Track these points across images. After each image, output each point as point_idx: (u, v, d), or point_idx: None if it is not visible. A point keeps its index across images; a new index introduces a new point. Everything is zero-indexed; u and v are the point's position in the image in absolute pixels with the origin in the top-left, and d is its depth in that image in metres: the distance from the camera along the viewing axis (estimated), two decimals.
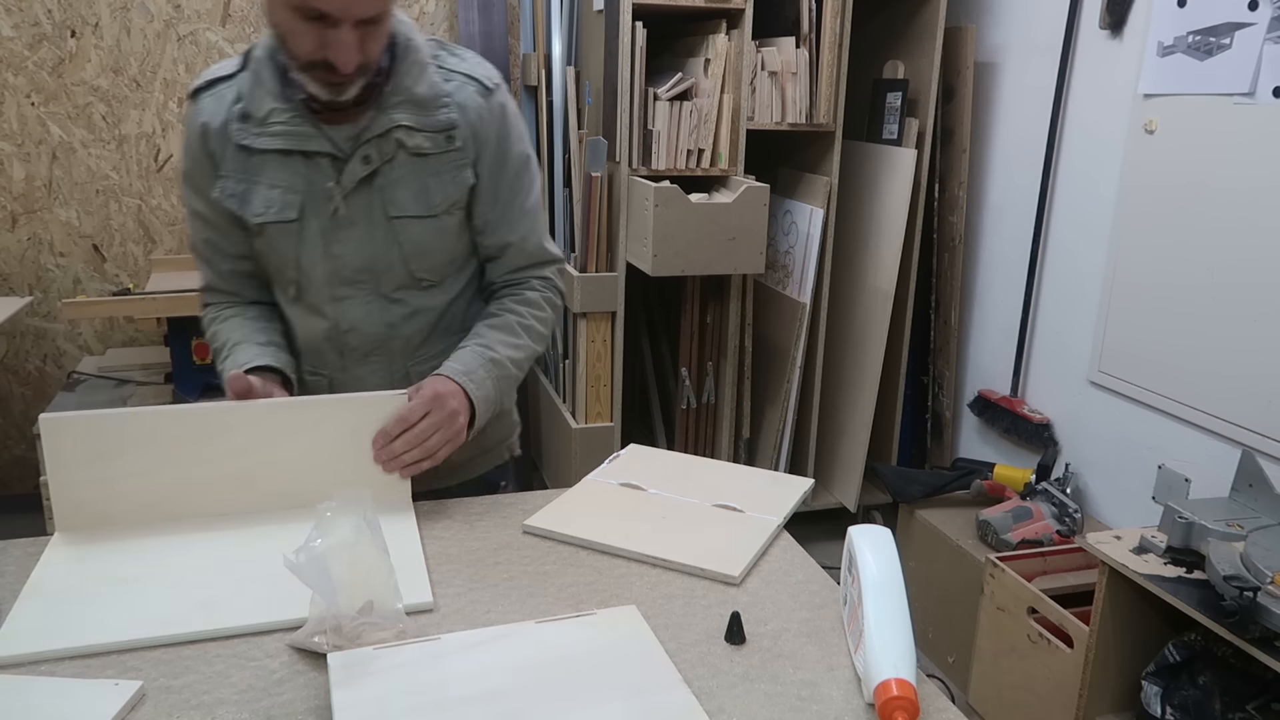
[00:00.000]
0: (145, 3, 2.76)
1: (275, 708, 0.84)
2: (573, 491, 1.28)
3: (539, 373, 3.12)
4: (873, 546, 0.94)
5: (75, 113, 2.78)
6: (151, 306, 2.37)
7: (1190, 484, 2.14)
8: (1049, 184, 2.58)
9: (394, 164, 1.23)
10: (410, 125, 1.22)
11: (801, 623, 0.99)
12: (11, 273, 2.85)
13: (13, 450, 3.00)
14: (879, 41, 2.91)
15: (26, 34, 2.70)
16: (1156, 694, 1.74)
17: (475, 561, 1.10)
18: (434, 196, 1.26)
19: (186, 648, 0.92)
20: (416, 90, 1.22)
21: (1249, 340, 1.99)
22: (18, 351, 2.94)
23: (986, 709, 2.18)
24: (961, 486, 2.59)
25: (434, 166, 1.25)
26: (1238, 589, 1.48)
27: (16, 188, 2.80)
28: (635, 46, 2.45)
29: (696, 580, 1.07)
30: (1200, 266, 2.10)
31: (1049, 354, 2.63)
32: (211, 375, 2.50)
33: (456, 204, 1.28)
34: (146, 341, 2.98)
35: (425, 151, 1.24)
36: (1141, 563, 1.70)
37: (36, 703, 0.83)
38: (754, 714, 0.84)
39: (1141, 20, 2.25)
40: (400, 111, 1.22)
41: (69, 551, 1.08)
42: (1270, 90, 1.92)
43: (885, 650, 0.83)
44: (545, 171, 2.97)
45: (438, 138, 1.24)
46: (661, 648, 0.91)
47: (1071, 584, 2.08)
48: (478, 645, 0.90)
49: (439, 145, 1.25)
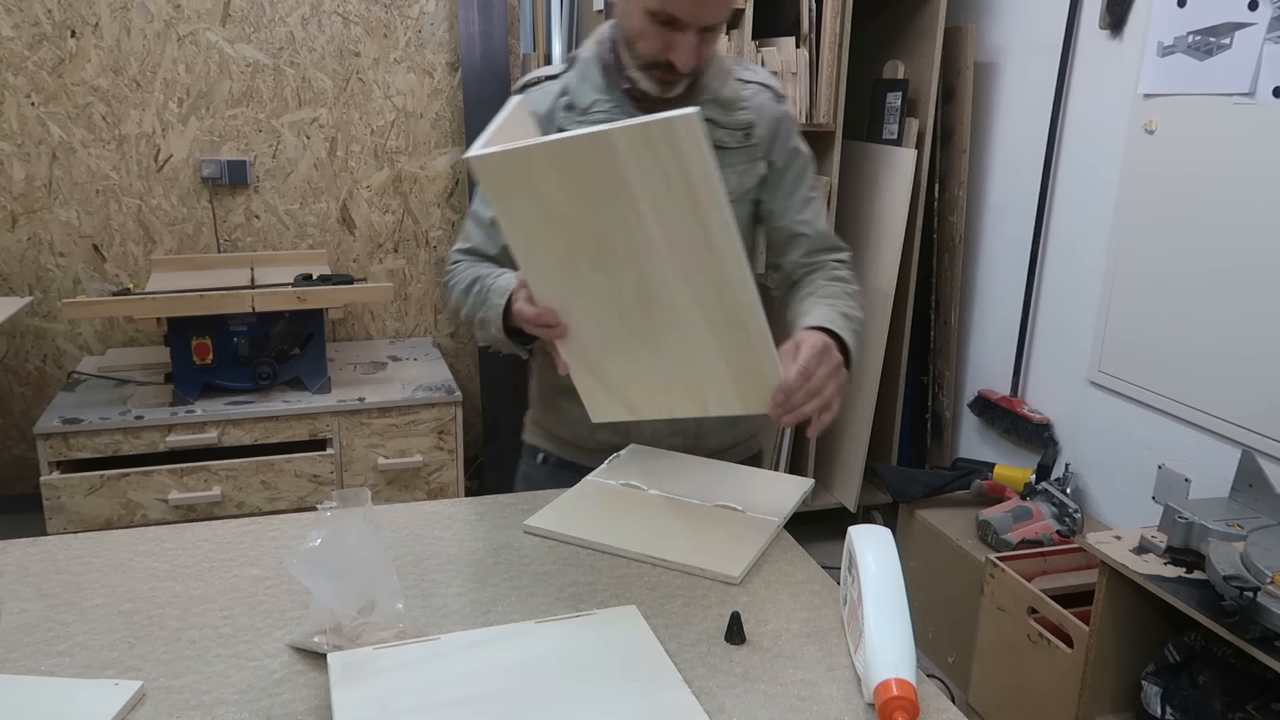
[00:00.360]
0: (145, 3, 2.76)
1: (275, 708, 0.84)
2: (573, 491, 1.28)
3: None
4: (873, 546, 0.94)
5: (75, 113, 2.78)
6: (151, 306, 2.37)
7: (1190, 484, 2.14)
8: (1049, 184, 2.58)
9: None
10: (714, 121, 1.33)
11: (801, 623, 0.99)
12: (11, 273, 2.85)
13: (13, 450, 3.00)
14: (879, 41, 2.91)
15: (26, 34, 2.70)
16: (1156, 694, 1.74)
17: (475, 561, 1.10)
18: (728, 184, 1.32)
19: (187, 647, 0.92)
20: (721, 92, 1.34)
21: (1249, 340, 1.99)
22: (18, 351, 2.94)
23: (986, 709, 2.18)
24: (961, 486, 2.59)
25: (730, 159, 1.34)
26: (1238, 589, 1.48)
27: (16, 188, 2.80)
28: None
29: (696, 580, 1.07)
30: (1200, 266, 2.10)
31: (1049, 354, 2.63)
32: (211, 375, 2.52)
33: (748, 194, 1.38)
34: (146, 341, 2.98)
35: (724, 145, 1.34)
36: (1141, 563, 1.70)
37: (36, 703, 0.83)
38: (754, 714, 0.84)
39: (1141, 20, 2.25)
40: (708, 109, 1.32)
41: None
42: (1270, 90, 1.92)
43: (885, 650, 0.83)
44: None
45: (736, 134, 1.36)
46: (661, 648, 0.91)
47: (1071, 584, 2.08)
48: (478, 645, 0.90)
49: (737, 141, 1.36)
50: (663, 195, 1.03)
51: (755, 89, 1.40)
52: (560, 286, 1.16)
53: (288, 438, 2.49)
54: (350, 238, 3.09)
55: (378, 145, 3.04)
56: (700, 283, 1.09)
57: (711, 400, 1.19)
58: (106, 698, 0.83)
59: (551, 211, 1.09)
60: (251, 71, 2.88)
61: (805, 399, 1.14)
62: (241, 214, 2.97)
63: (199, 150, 2.90)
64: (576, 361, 1.23)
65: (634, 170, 1.02)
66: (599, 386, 1.23)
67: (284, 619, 0.97)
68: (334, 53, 2.93)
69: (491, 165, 1.08)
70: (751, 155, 1.38)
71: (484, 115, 2.95)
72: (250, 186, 2.96)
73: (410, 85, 3.02)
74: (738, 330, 1.11)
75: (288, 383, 2.60)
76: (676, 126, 0.97)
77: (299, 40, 2.90)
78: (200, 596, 1.02)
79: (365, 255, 3.12)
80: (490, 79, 2.94)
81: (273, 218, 3.00)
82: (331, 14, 2.90)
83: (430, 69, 3.02)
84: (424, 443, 2.62)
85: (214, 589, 1.03)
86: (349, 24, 2.93)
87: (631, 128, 0.99)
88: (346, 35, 2.93)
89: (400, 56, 2.99)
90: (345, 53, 2.94)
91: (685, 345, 1.15)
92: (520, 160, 1.06)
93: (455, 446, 2.65)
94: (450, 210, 3.15)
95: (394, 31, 2.97)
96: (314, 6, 2.88)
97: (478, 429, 3.22)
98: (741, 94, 1.38)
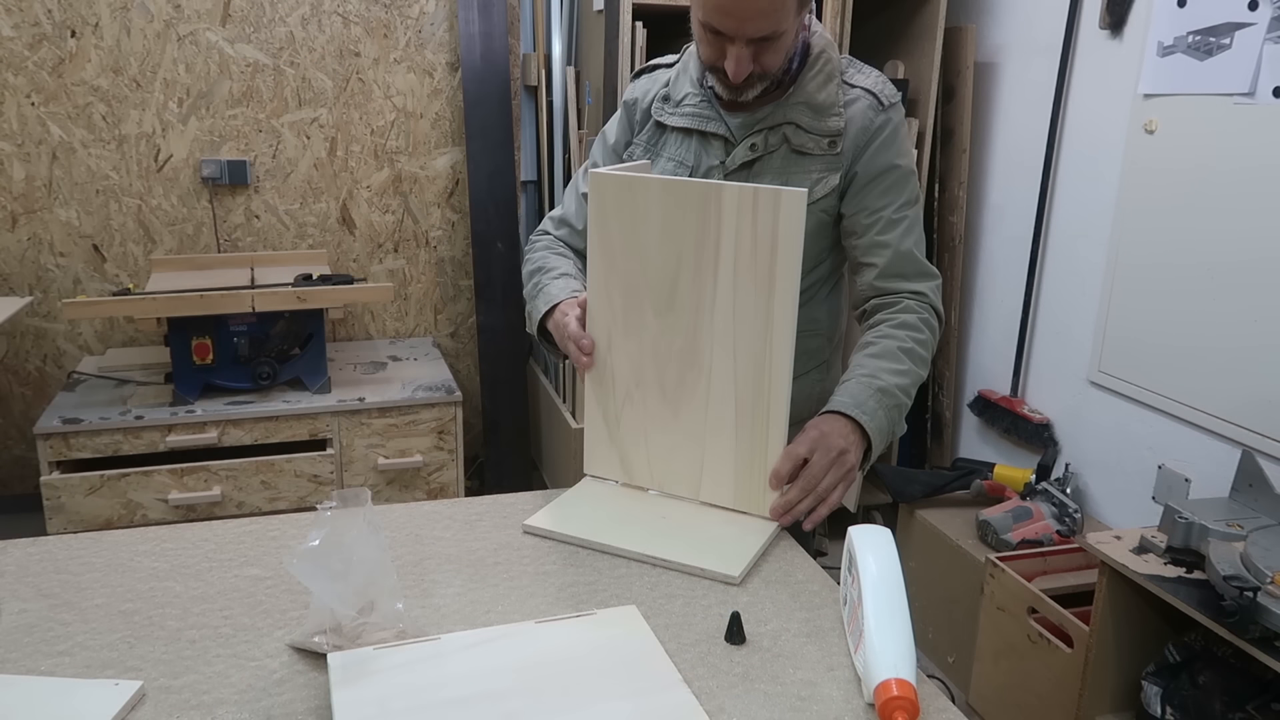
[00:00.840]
0: (145, 3, 2.76)
1: (275, 708, 0.84)
2: (573, 491, 1.28)
3: (539, 373, 3.12)
4: (873, 546, 0.94)
5: (75, 113, 2.78)
6: (151, 306, 2.36)
7: (1190, 484, 2.14)
8: (1049, 184, 2.58)
9: (774, 155, 1.33)
10: (800, 125, 1.32)
11: (801, 623, 0.99)
12: (11, 273, 2.85)
13: (13, 450, 3.00)
14: (879, 41, 2.91)
15: (26, 34, 2.70)
16: (1156, 694, 1.74)
17: (475, 561, 1.10)
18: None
19: (187, 647, 0.92)
20: (817, 96, 1.32)
21: (1249, 340, 1.99)
22: (18, 351, 2.93)
23: (986, 709, 2.18)
24: (961, 486, 2.59)
25: (807, 165, 1.33)
26: (1238, 589, 1.48)
27: (16, 188, 2.80)
28: (635, 46, 2.45)
29: (696, 580, 1.07)
30: (1200, 266, 2.10)
31: (1049, 354, 2.63)
32: (211, 375, 2.52)
33: (819, 202, 1.33)
34: (146, 341, 2.98)
35: (806, 150, 1.32)
36: (1141, 563, 1.70)
37: (36, 703, 0.83)
38: (754, 714, 0.84)
39: (1141, 20, 2.25)
40: (796, 111, 1.32)
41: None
42: (1270, 90, 1.92)
43: (885, 650, 0.83)
44: (545, 171, 2.98)
45: (821, 141, 1.33)
46: (661, 648, 0.91)
47: (1071, 584, 2.08)
48: (478, 645, 0.90)
49: (820, 148, 1.33)
50: (746, 255, 1.12)
51: (858, 94, 1.34)
52: (616, 320, 1.22)
53: (288, 438, 2.49)
54: (350, 238, 3.09)
55: (378, 145, 3.04)
56: (745, 358, 1.16)
57: (705, 486, 1.23)
58: (106, 698, 0.83)
59: (642, 245, 1.18)
60: (251, 71, 2.88)
61: (799, 495, 1.15)
62: (241, 214, 2.97)
63: (199, 150, 2.90)
64: (597, 403, 1.27)
65: (731, 223, 1.13)
66: (606, 436, 1.28)
67: (284, 619, 0.97)
68: (334, 53, 2.93)
69: (610, 185, 1.18)
70: (833, 165, 1.33)
71: (484, 115, 2.96)
72: (250, 186, 2.96)
73: (410, 85, 3.02)
74: (759, 418, 1.16)
75: (288, 383, 2.60)
76: (784, 199, 1.09)
77: (299, 40, 2.89)
78: (200, 596, 1.02)
79: (365, 255, 3.12)
80: (490, 79, 2.94)
81: (273, 218, 3.00)
82: (331, 14, 2.90)
83: (430, 69, 3.02)
84: (424, 443, 2.62)
85: (214, 589, 1.03)
86: (349, 24, 2.93)
87: (745, 188, 1.11)
88: (346, 35, 2.93)
89: (400, 56, 2.99)
90: (345, 53, 2.94)
91: (706, 418, 1.20)
92: (639, 188, 1.15)
93: (455, 446, 2.65)
94: (450, 210, 3.15)
95: (394, 31, 2.97)
96: (314, 6, 2.88)
97: (478, 429, 3.22)
98: (839, 99, 1.33)
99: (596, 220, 1.20)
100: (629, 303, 1.21)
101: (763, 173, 1.34)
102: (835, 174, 1.33)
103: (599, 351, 1.25)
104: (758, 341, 1.14)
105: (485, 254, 3.04)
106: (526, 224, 3.12)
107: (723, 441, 1.19)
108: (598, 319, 1.24)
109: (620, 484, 1.29)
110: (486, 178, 3.00)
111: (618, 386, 1.25)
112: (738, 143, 1.33)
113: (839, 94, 1.33)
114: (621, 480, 1.28)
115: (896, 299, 1.33)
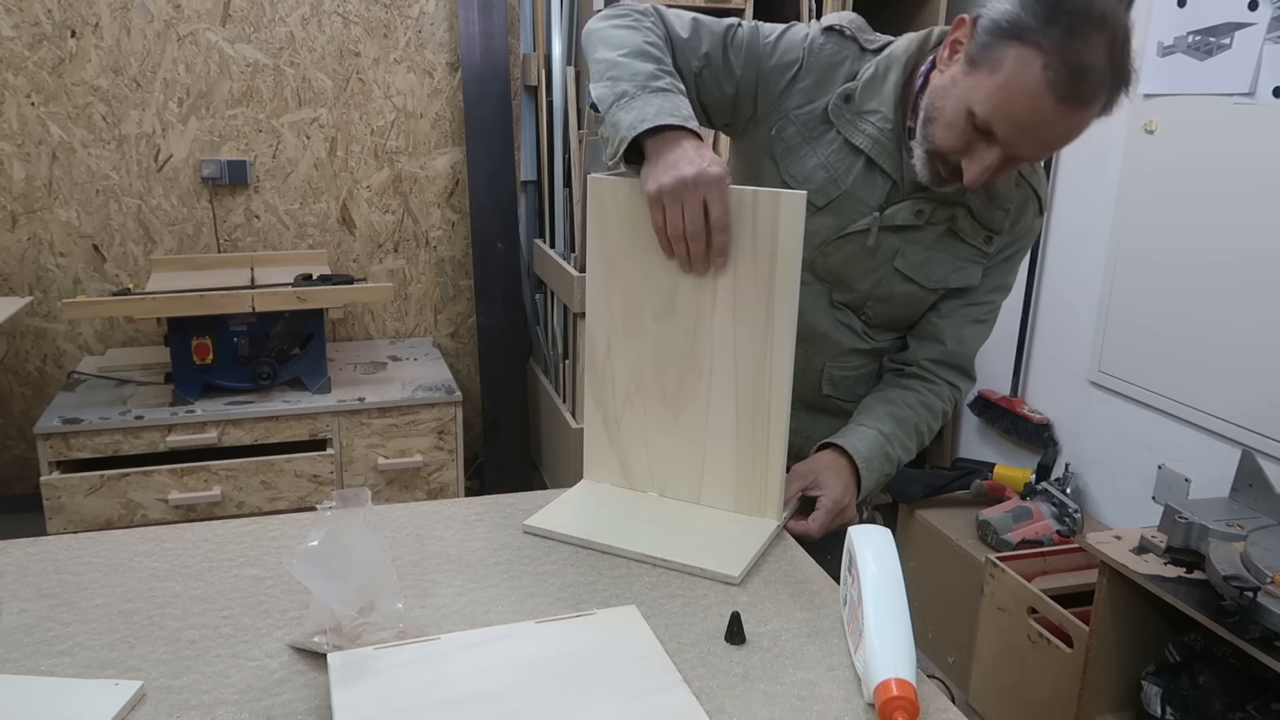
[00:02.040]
0: (145, 3, 2.76)
1: (275, 708, 0.84)
2: (573, 491, 1.28)
3: (539, 373, 3.12)
4: (873, 546, 0.94)
5: (75, 113, 2.78)
6: (151, 306, 2.36)
7: (1190, 484, 2.14)
8: (1049, 184, 2.58)
9: (930, 228, 1.25)
10: (972, 210, 1.24)
11: (801, 623, 0.99)
12: (11, 273, 2.85)
13: (13, 450, 2.99)
14: None
15: (26, 34, 2.70)
16: (1156, 694, 1.74)
17: (475, 561, 1.10)
18: (935, 273, 1.27)
19: (187, 647, 0.92)
20: (997, 185, 1.23)
21: (1249, 340, 1.99)
22: (18, 351, 2.93)
23: (986, 709, 2.18)
24: (961, 486, 2.59)
25: (956, 251, 1.26)
26: (1238, 589, 1.48)
27: (16, 188, 2.80)
28: None
29: (696, 580, 1.07)
30: (1200, 266, 2.10)
31: (1049, 354, 2.63)
32: (211, 375, 2.51)
33: (939, 284, 1.29)
34: (146, 341, 2.98)
35: (963, 237, 1.25)
36: (1141, 563, 1.70)
37: (36, 703, 0.83)
38: (754, 714, 0.84)
39: (1141, 20, 2.25)
40: (975, 195, 1.22)
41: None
42: (1270, 90, 1.92)
43: (885, 650, 0.83)
44: (545, 171, 2.97)
45: (980, 234, 1.26)
46: (661, 648, 0.91)
47: (1071, 584, 2.08)
48: (478, 645, 0.90)
49: (977, 240, 1.26)
50: (747, 256, 1.11)
51: (1026, 194, 1.27)
52: (615, 324, 1.21)
53: (288, 438, 2.49)
54: (350, 238, 3.09)
55: (378, 145, 3.04)
56: (746, 361, 1.15)
57: (706, 492, 1.23)
58: (106, 698, 0.83)
59: (641, 249, 1.16)
60: (251, 71, 2.88)
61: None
62: (241, 214, 2.97)
63: (199, 150, 2.90)
64: (596, 408, 1.26)
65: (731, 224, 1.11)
66: (606, 441, 1.27)
67: (284, 619, 0.97)
68: (334, 53, 2.93)
69: (608, 189, 1.17)
70: (979, 259, 1.27)
71: (484, 115, 2.96)
72: (250, 186, 2.96)
73: (410, 85, 3.02)
74: (760, 421, 1.16)
75: (288, 383, 2.60)
76: (784, 200, 1.08)
77: (299, 40, 2.89)
78: (200, 596, 1.02)
79: (365, 255, 3.11)
80: (490, 79, 2.94)
81: (273, 218, 3.00)
82: (331, 14, 2.90)
83: (430, 69, 3.02)
84: (424, 443, 2.62)
85: (214, 589, 1.03)
86: (349, 24, 2.93)
87: (745, 190, 1.09)
88: (346, 35, 2.93)
89: (400, 56, 2.99)
90: (345, 53, 2.94)
91: (707, 422, 1.20)
92: (638, 192, 1.13)
93: (455, 446, 2.65)
94: (450, 210, 3.15)
95: (394, 31, 2.97)
96: (314, 6, 2.88)
97: (478, 429, 3.22)
98: (1011, 194, 1.25)
99: (596, 224, 1.20)
100: (629, 307, 1.20)
101: (912, 239, 1.24)
102: (977, 269, 1.27)
103: (597, 356, 1.24)
104: (758, 344, 1.14)
105: (485, 254, 3.04)
106: (526, 224, 3.12)
107: (723, 445, 1.19)
108: (597, 323, 1.23)
109: (620, 484, 1.29)
110: (486, 178, 3.00)
111: (617, 391, 1.24)
112: (903, 192, 1.22)
113: (1013, 187, 1.25)
114: (623, 486, 1.28)
115: (936, 379, 1.35)
